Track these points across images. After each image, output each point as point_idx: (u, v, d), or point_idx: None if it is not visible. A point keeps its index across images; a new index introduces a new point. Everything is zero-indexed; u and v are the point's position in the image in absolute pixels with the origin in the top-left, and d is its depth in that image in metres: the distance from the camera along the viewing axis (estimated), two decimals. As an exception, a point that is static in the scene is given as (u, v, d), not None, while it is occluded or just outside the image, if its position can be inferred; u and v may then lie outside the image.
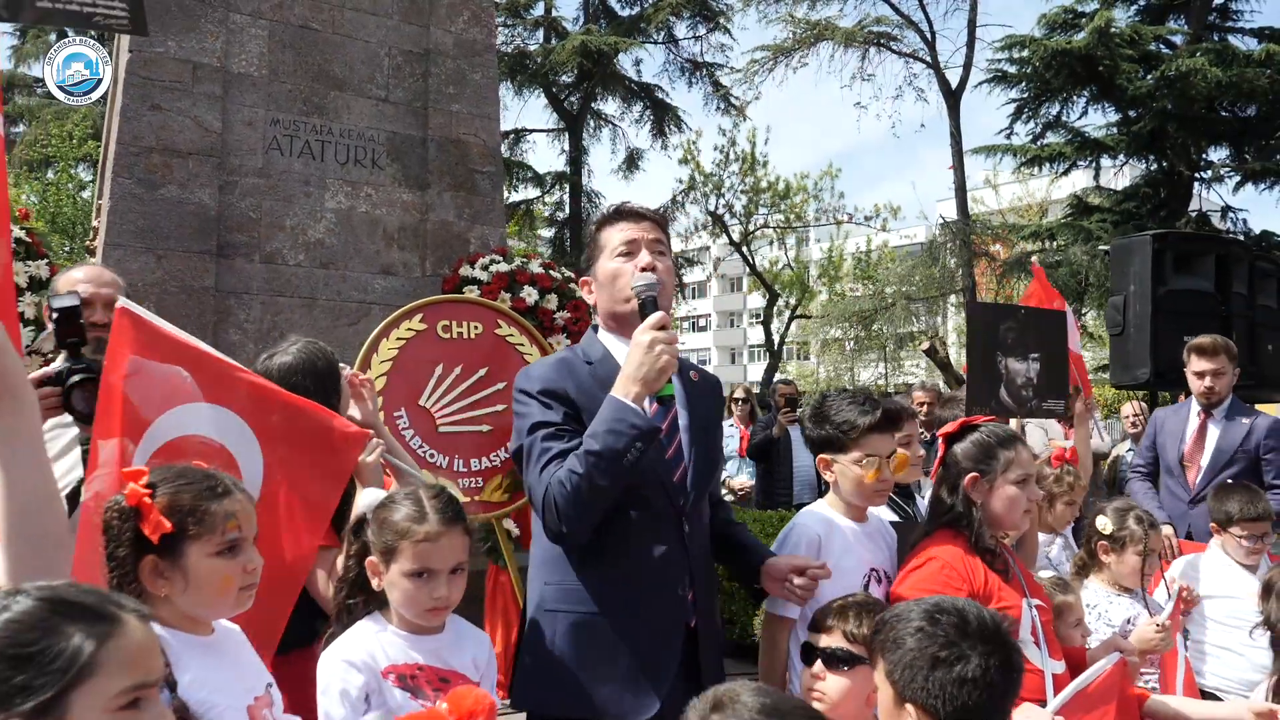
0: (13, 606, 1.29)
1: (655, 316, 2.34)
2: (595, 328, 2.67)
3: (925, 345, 14.15)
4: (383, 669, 2.15)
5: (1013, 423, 4.24)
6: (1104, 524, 3.66)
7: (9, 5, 1.89)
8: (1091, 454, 4.90)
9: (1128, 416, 8.20)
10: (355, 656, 2.15)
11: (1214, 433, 5.21)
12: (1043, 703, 2.48)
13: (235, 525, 1.94)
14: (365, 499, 2.33)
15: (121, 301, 2.55)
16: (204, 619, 1.96)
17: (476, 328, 5.34)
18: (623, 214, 2.62)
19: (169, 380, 2.49)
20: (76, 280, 3.23)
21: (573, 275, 6.79)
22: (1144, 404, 7.85)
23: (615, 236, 2.57)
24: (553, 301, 6.44)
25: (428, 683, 2.18)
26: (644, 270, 2.49)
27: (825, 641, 2.43)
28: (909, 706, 1.84)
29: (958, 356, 24.24)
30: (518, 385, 2.50)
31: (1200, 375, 5.14)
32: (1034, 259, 8.36)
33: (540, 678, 2.40)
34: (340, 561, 2.53)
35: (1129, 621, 3.49)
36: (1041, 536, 4.22)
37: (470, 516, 2.38)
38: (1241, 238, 17.24)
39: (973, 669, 1.82)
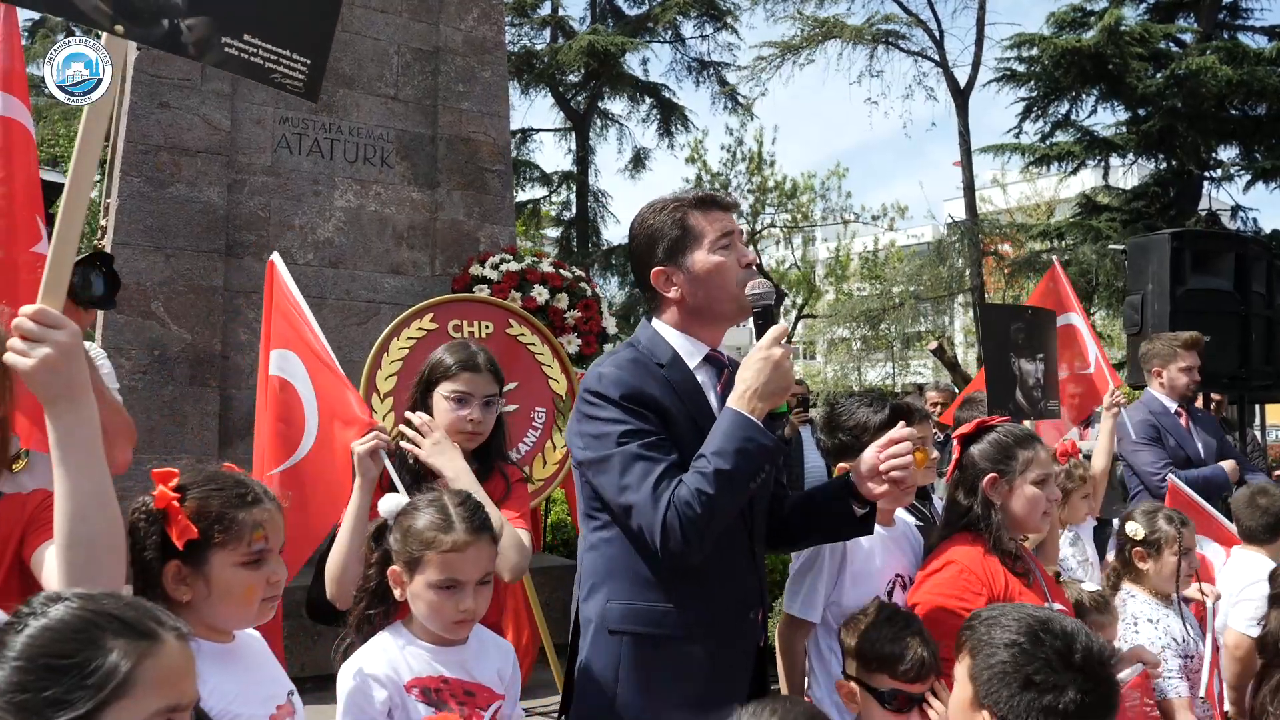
0: (50, 613, 1.26)
1: (778, 329, 2.18)
2: (649, 317, 2.45)
3: (933, 345, 14.12)
4: (406, 682, 2.10)
5: (1027, 424, 4.20)
6: (1135, 529, 3.55)
7: (198, 44, 1.88)
8: (1107, 449, 4.83)
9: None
10: (378, 669, 2.10)
11: (1194, 428, 5.21)
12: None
13: (262, 535, 1.88)
14: (386, 505, 2.25)
15: (274, 256, 3.22)
16: (225, 628, 1.91)
17: (488, 327, 5.31)
18: (717, 202, 2.39)
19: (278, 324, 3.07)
20: None
21: (583, 274, 6.75)
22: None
23: (711, 225, 2.34)
24: (563, 300, 6.40)
25: (452, 696, 2.13)
26: (748, 266, 2.33)
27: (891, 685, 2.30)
28: (985, 714, 1.76)
29: (965, 356, 24.21)
30: (590, 387, 2.29)
31: (1189, 370, 5.12)
32: (1054, 257, 8.28)
33: (603, 701, 2.24)
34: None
35: (1183, 639, 3.39)
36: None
37: None
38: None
39: (1066, 702, 1.71)
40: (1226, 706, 3.65)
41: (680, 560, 2.16)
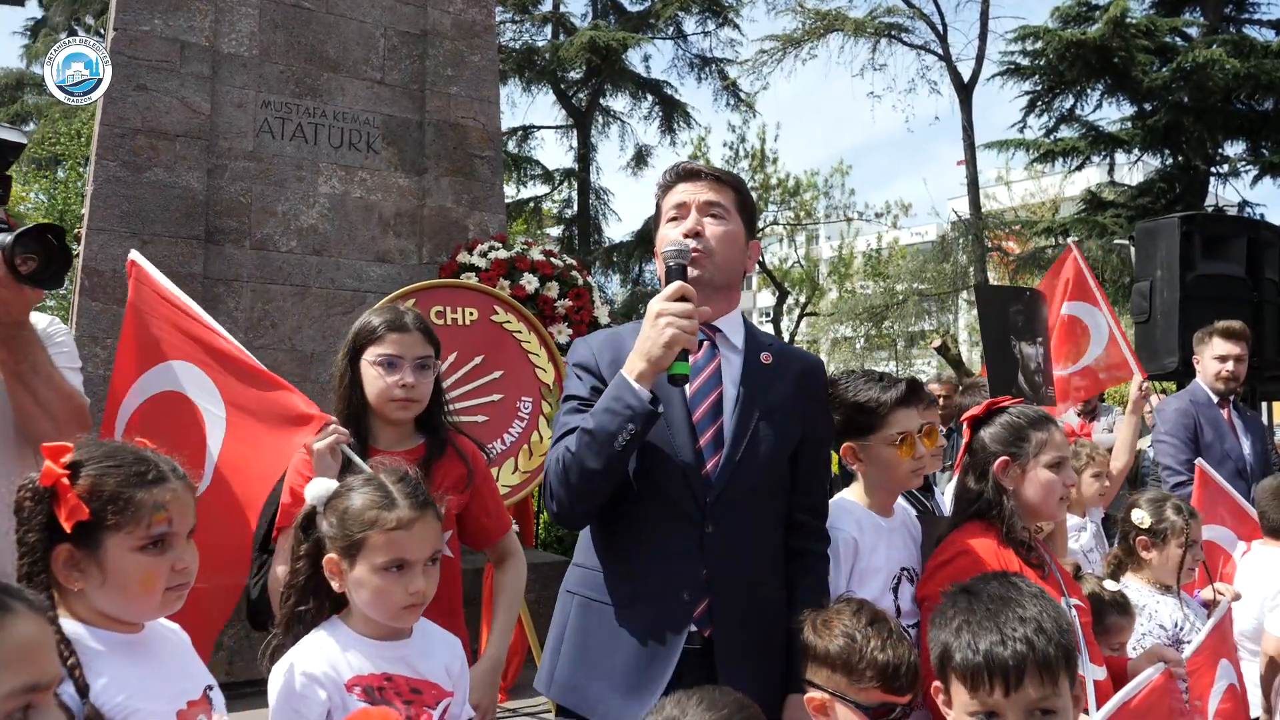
0: None
1: (672, 286, 2.09)
2: None
3: (937, 343, 13.89)
4: (346, 681, 1.90)
5: None
6: (1141, 518, 3.40)
7: None
8: (1130, 445, 4.61)
9: (1150, 410, 7.90)
10: (315, 668, 1.90)
11: (1238, 423, 4.97)
12: (1084, 712, 2.24)
13: (164, 518, 1.69)
14: (314, 490, 2.04)
15: (133, 254, 2.85)
16: (125, 619, 1.71)
17: (472, 314, 5.13)
18: (679, 174, 2.38)
19: (158, 334, 2.71)
20: None
21: (574, 263, 6.55)
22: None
23: (668, 201, 2.37)
24: (554, 289, 6.20)
25: (397, 694, 1.94)
26: (686, 236, 2.25)
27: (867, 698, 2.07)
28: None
29: (969, 354, 24.03)
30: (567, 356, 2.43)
31: (1224, 359, 4.88)
32: (1071, 241, 8.03)
33: (550, 657, 2.31)
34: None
35: (1177, 625, 3.24)
36: (1071, 520, 3.98)
37: None
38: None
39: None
40: (1256, 713, 3.45)
41: (561, 522, 2.23)
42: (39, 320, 2.45)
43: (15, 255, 2.07)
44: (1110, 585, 3.15)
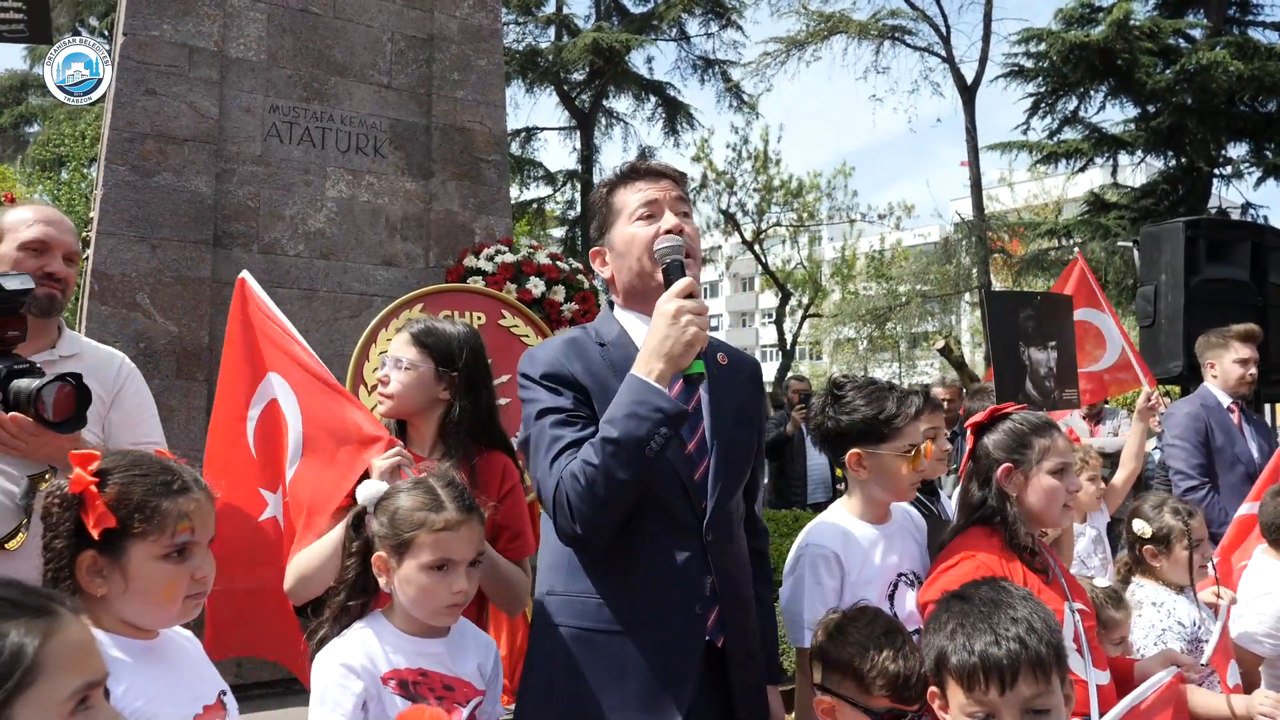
0: None
1: (681, 283, 2.02)
2: (611, 304, 2.36)
3: (939, 344, 13.89)
4: (383, 674, 1.98)
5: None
6: (1142, 528, 3.42)
7: None
8: (1137, 453, 4.63)
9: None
10: (354, 660, 1.98)
11: (1246, 426, 4.99)
12: (1087, 718, 2.26)
13: (188, 527, 1.73)
14: (365, 491, 2.14)
15: (244, 274, 3.07)
16: (144, 626, 1.75)
17: (480, 318, 5.17)
18: (640, 172, 2.29)
19: (263, 347, 2.98)
20: (29, 221, 2.70)
21: (580, 266, 6.58)
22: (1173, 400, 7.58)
23: (633, 198, 2.25)
24: (560, 293, 6.23)
25: (430, 690, 2.01)
26: (669, 232, 2.18)
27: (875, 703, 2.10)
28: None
29: (972, 355, 24.02)
30: (520, 369, 2.20)
31: (1244, 363, 4.92)
32: (1077, 249, 8.01)
33: (543, 702, 2.14)
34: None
35: (1195, 623, 3.26)
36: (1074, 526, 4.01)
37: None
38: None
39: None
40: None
41: (582, 542, 2.07)
42: (114, 357, 2.74)
43: (39, 404, 2.23)
44: (1101, 583, 3.18)
